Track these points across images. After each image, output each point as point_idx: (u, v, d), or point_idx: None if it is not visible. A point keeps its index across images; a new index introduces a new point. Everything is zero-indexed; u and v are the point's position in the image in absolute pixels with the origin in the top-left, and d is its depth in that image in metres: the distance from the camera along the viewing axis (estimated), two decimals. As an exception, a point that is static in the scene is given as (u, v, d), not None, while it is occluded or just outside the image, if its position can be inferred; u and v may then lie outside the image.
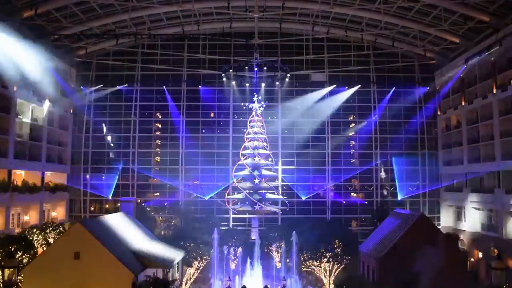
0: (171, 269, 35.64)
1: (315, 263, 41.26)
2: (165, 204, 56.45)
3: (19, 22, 43.07)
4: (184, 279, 40.13)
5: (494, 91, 43.38)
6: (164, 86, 57.02)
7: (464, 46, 49.15)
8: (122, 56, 57.25)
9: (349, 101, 57.75)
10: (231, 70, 49.98)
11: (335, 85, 56.78)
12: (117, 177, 55.89)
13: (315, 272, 42.51)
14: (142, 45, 57.41)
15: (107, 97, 57.54)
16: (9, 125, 42.89)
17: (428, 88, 57.02)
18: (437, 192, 55.42)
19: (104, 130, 57.27)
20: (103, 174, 56.77)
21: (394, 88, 56.62)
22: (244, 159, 50.06)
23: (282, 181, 56.43)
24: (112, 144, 57.60)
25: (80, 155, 56.49)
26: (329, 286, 40.71)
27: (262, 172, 49.57)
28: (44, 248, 38.03)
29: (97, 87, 56.89)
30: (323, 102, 57.22)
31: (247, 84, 55.83)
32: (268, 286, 37.36)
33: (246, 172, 49.40)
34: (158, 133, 59.59)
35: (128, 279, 27.40)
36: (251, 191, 48.69)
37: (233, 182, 52.00)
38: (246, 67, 50.47)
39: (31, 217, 47.28)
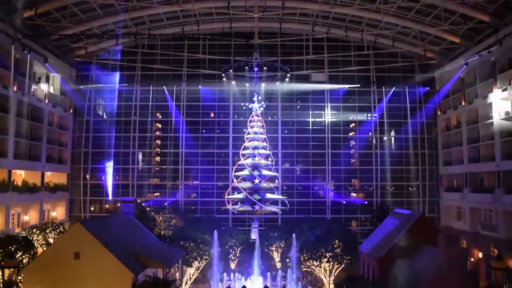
0: (171, 269, 35.64)
1: (315, 263, 41.26)
2: (165, 204, 56.52)
3: (19, 22, 43.10)
4: (184, 279, 40.14)
5: (494, 91, 43.34)
6: (164, 86, 57.10)
7: (464, 46, 49.13)
8: (122, 56, 57.25)
9: (349, 101, 57.87)
10: (231, 70, 49.95)
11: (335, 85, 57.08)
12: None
13: (315, 272, 42.53)
14: (142, 45, 57.41)
15: (107, 97, 57.70)
16: (9, 125, 42.90)
17: (428, 88, 57.08)
18: (437, 192, 55.46)
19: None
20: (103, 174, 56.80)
21: (394, 88, 56.67)
22: (244, 159, 50.05)
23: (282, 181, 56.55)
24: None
25: (80, 155, 56.54)
26: (329, 286, 40.72)
27: (262, 172, 49.56)
28: (44, 248, 38.07)
29: (97, 87, 56.96)
30: (323, 102, 57.50)
31: (247, 84, 55.97)
32: (268, 286, 37.39)
33: (246, 172, 49.39)
34: (158, 133, 59.62)
35: (128, 279, 27.37)
36: (251, 191, 48.68)
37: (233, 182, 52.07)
38: (246, 67, 50.44)
39: (31, 217, 47.27)
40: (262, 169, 49.65)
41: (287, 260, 46.12)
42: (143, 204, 55.19)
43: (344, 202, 56.70)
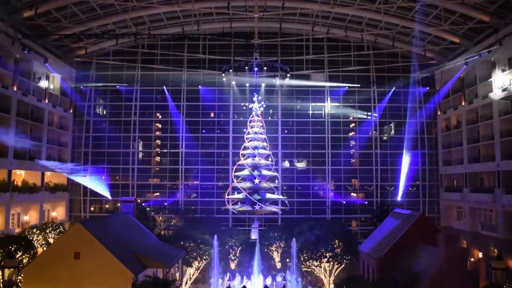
0: (171, 269, 35.64)
1: (315, 263, 41.27)
2: (165, 204, 56.53)
3: (19, 22, 43.10)
4: (184, 279, 40.15)
5: (494, 91, 43.34)
6: (164, 86, 57.11)
7: (464, 46, 49.13)
8: (122, 56, 57.28)
9: (349, 101, 57.89)
10: (231, 70, 49.96)
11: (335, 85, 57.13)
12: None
13: (315, 272, 42.53)
14: (142, 45, 57.42)
15: (107, 97, 57.76)
16: (10, 125, 42.89)
17: (428, 88, 57.10)
18: (437, 192, 55.47)
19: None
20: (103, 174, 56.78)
21: (394, 88, 56.68)
22: (244, 159, 50.06)
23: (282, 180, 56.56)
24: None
25: (80, 155, 56.54)
26: (329, 286, 40.72)
27: (262, 172, 49.58)
28: (44, 248, 38.07)
29: (97, 87, 56.97)
30: (323, 101, 57.58)
31: (247, 84, 55.96)
32: (268, 286, 37.40)
33: (246, 172, 49.40)
34: (158, 133, 59.63)
35: (128, 279, 27.39)
36: (251, 191, 48.69)
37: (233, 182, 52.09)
38: (246, 67, 50.47)
39: (31, 217, 47.26)
40: (262, 169, 49.67)
41: (287, 260, 46.13)
42: (143, 204, 55.23)
43: (344, 202, 56.70)
